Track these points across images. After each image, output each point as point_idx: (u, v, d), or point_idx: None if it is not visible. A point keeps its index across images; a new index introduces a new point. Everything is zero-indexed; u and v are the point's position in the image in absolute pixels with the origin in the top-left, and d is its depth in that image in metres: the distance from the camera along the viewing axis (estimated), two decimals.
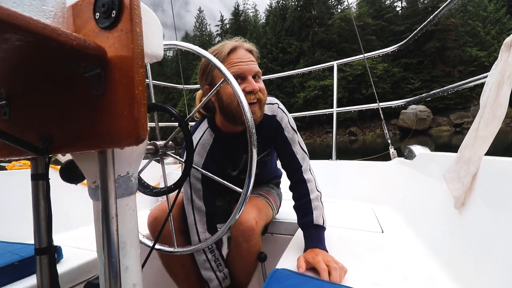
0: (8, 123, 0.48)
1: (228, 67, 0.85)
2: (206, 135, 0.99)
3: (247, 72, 0.87)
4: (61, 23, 0.35)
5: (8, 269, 0.66)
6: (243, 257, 0.94)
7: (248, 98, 0.85)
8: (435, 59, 35.86)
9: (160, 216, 0.97)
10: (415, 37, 1.47)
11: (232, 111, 0.86)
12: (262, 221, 0.97)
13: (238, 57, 0.87)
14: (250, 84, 0.86)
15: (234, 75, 0.85)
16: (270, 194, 1.16)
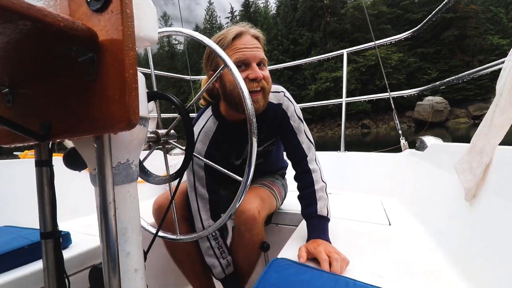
0: (12, 110, 0.48)
1: (232, 53, 0.84)
2: (209, 122, 0.98)
3: (251, 58, 0.84)
4: (52, 6, 0.35)
5: (19, 252, 0.69)
6: (245, 245, 0.95)
7: (251, 86, 0.83)
8: (453, 48, 34.38)
9: (164, 204, 0.98)
10: (429, 22, 1.40)
11: (234, 98, 0.85)
12: (264, 211, 0.96)
13: (243, 43, 0.85)
14: (254, 71, 0.83)
15: (237, 61, 0.83)
16: (275, 184, 1.15)
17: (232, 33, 0.85)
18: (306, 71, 38.30)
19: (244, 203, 0.91)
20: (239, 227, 0.93)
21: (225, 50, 0.84)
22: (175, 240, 0.73)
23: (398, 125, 1.68)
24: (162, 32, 0.62)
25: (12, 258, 0.68)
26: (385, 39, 1.81)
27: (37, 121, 0.44)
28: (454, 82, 1.12)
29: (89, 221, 1.19)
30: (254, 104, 0.83)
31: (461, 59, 33.31)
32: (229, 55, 0.84)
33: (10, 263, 0.68)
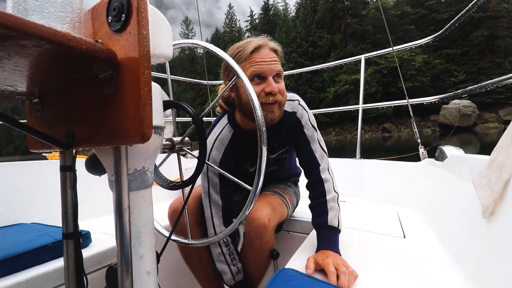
0: (41, 119, 0.53)
1: (249, 66, 0.86)
2: (225, 130, 1.01)
3: (267, 72, 0.86)
4: (77, 27, 0.38)
5: (44, 250, 0.74)
6: (255, 253, 0.96)
7: (266, 99, 0.85)
8: (483, 49, 32.57)
9: (179, 208, 1.01)
10: (454, 25, 1.34)
11: (250, 109, 0.81)
12: (275, 219, 0.97)
13: (261, 56, 0.86)
14: (270, 85, 0.85)
15: (254, 74, 0.85)
16: (287, 192, 1.15)
17: (251, 46, 0.87)
18: (325, 73, 37.72)
19: (254, 210, 0.92)
20: (249, 235, 0.94)
21: (243, 62, 0.87)
22: (187, 245, 0.75)
23: (417, 134, 1.61)
24: (179, 44, 0.65)
25: (37, 255, 0.73)
26: (404, 45, 1.76)
27: (62, 129, 0.48)
28: (477, 91, 1.07)
29: (109, 221, 1.25)
30: (269, 114, 0.86)
31: (491, 60, 31.49)
32: (247, 68, 0.86)
33: (36, 259, 0.73)
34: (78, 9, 0.39)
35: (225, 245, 0.99)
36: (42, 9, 0.34)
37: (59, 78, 0.44)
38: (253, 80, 0.86)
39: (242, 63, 0.87)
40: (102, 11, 0.40)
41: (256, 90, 0.84)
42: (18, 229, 0.93)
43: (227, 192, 1.01)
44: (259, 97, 0.85)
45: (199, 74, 56.65)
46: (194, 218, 1.03)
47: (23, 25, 0.26)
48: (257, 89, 0.85)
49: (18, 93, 0.48)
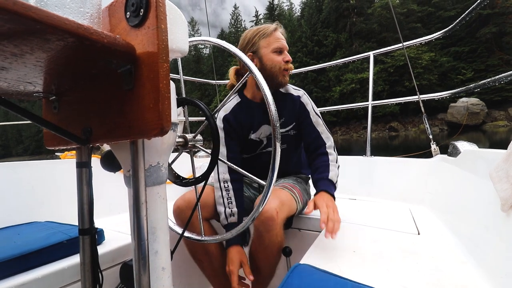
0: (58, 116, 0.53)
1: (273, 41, 1.09)
2: (232, 101, 1.18)
3: (284, 47, 1.11)
4: (96, 23, 0.39)
5: (58, 247, 0.75)
6: (265, 247, 0.96)
7: (286, 66, 1.10)
8: (491, 46, 31.98)
9: (183, 206, 1.03)
10: (462, 21, 1.33)
11: (272, 74, 1.08)
12: (283, 213, 0.97)
13: (278, 35, 1.11)
14: (287, 56, 1.11)
15: (277, 48, 1.09)
16: (296, 187, 1.15)
17: (272, 27, 1.12)
18: (330, 72, 37.50)
19: None
20: (257, 228, 0.95)
21: (266, 37, 1.10)
22: (200, 241, 0.75)
23: (429, 129, 1.59)
24: (192, 41, 0.65)
25: (52, 252, 0.74)
26: (414, 41, 1.74)
27: (79, 126, 0.48)
28: (490, 85, 1.05)
29: (121, 219, 1.26)
30: (285, 77, 1.11)
31: (500, 57, 30.88)
32: (271, 42, 1.09)
33: (51, 256, 0.74)
34: (97, 5, 0.39)
35: (226, 191, 1.07)
36: (64, 5, 0.34)
37: (77, 74, 0.45)
38: (275, 52, 1.09)
39: (266, 38, 1.09)
40: (120, 7, 0.40)
41: (279, 60, 1.09)
42: (33, 227, 0.95)
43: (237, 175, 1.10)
44: (281, 64, 1.09)
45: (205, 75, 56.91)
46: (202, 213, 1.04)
47: (48, 18, 0.26)
48: (279, 59, 1.09)
49: (36, 91, 0.49)
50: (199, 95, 51.30)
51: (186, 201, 1.03)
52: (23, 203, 1.18)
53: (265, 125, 1.16)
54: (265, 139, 1.18)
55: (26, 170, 1.24)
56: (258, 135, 1.17)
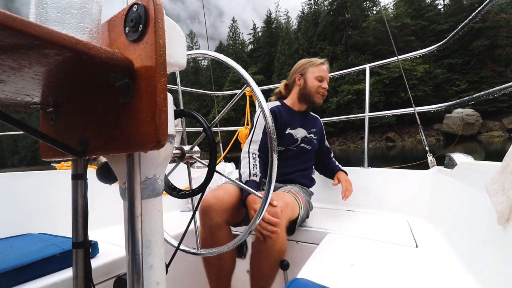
0: (54, 127, 0.53)
1: (318, 71, 1.41)
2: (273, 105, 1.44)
3: (325, 78, 1.42)
4: (96, 38, 0.39)
5: (51, 260, 0.74)
6: (267, 251, 0.95)
7: (321, 90, 1.41)
8: (483, 59, 32.68)
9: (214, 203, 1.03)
10: (455, 36, 1.36)
11: (310, 93, 1.40)
12: (287, 213, 1.00)
13: (324, 68, 1.42)
14: (325, 83, 1.41)
15: (320, 76, 1.40)
16: (300, 194, 1.20)
17: (320, 60, 1.44)
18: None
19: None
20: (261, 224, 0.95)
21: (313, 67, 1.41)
22: (196, 255, 0.74)
23: (425, 141, 1.60)
24: (191, 54, 0.66)
25: (45, 265, 0.72)
26: (409, 54, 1.77)
27: (76, 138, 0.48)
28: (485, 97, 1.07)
29: (115, 231, 1.24)
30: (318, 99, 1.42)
31: (493, 69, 31.50)
32: (316, 71, 1.41)
33: (43, 270, 0.72)
34: (97, 20, 0.40)
35: (253, 159, 1.21)
36: (64, 20, 0.35)
37: (75, 87, 0.45)
38: (318, 79, 1.39)
39: (313, 67, 1.41)
40: (119, 22, 0.41)
41: (317, 84, 1.39)
42: (26, 239, 0.93)
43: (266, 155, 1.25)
44: (319, 88, 1.39)
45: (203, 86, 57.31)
46: (226, 217, 1.04)
47: (48, 34, 0.27)
48: (318, 84, 1.39)
49: (33, 103, 0.49)
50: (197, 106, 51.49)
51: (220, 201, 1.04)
52: (16, 214, 1.15)
53: (301, 129, 1.43)
54: (300, 139, 1.42)
55: (21, 181, 1.22)
56: (296, 133, 1.41)
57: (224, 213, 1.03)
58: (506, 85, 0.94)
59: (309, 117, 1.53)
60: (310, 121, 1.51)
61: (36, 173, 1.28)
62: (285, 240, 1.00)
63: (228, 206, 1.05)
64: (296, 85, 1.44)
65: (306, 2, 54.56)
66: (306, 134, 1.44)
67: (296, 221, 1.10)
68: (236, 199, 1.10)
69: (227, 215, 1.05)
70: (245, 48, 67.32)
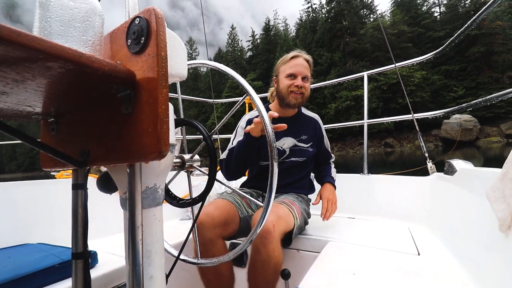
0: (56, 137, 0.53)
1: (287, 67, 1.25)
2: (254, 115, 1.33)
3: (298, 73, 1.23)
4: (98, 50, 0.40)
5: (50, 271, 0.73)
6: (262, 263, 0.94)
7: (295, 89, 1.23)
8: (480, 65, 33.07)
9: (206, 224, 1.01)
10: (452, 43, 1.38)
11: (282, 95, 1.26)
12: (280, 226, 0.98)
13: (296, 63, 1.25)
14: (297, 81, 1.23)
15: (289, 73, 1.24)
16: (295, 204, 1.17)
17: (290, 54, 1.28)
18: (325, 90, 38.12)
19: None
20: (254, 242, 0.94)
21: (284, 65, 1.27)
22: (196, 264, 0.74)
23: (424, 148, 1.61)
24: (191, 65, 0.67)
25: (43, 276, 0.72)
26: (406, 62, 1.79)
27: (77, 148, 0.48)
28: (482, 104, 1.08)
29: (115, 240, 1.23)
30: (294, 99, 1.24)
31: (489, 75, 31.86)
32: (286, 68, 1.26)
33: (42, 281, 0.71)
34: (99, 33, 0.40)
35: None
36: (67, 33, 0.35)
37: (77, 98, 0.45)
38: (289, 77, 1.24)
39: (284, 65, 1.27)
40: (121, 35, 0.41)
41: (288, 83, 1.23)
42: (24, 249, 0.92)
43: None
44: (291, 87, 1.23)
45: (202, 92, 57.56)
46: (218, 232, 1.03)
47: (51, 48, 0.27)
48: (290, 83, 1.23)
49: (35, 113, 0.49)
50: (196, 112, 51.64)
51: (210, 217, 1.02)
52: (15, 224, 1.14)
53: (289, 138, 1.31)
54: (288, 149, 1.30)
55: (20, 190, 1.21)
56: (281, 144, 1.29)
57: (216, 229, 1.02)
58: (503, 92, 0.95)
59: (300, 122, 1.36)
60: (301, 126, 1.35)
61: (35, 182, 1.28)
62: (280, 253, 0.98)
63: (220, 221, 1.04)
64: (275, 88, 1.34)
65: (304, 10, 55.42)
66: (295, 142, 1.31)
67: (292, 232, 1.08)
68: (227, 212, 1.09)
69: (220, 229, 1.04)
70: (244, 55, 67.89)
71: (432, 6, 42.84)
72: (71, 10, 0.39)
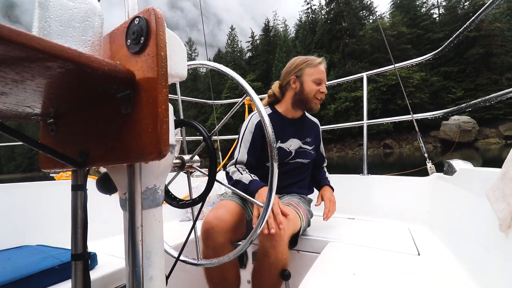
0: (55, 138, 0.53)
1: (316, 72, 1.24)
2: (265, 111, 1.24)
3: (323, 80, 1.26)
4: (98, 50, 0.40)
5: (49, 272, 0.72)
6: (270, 265, 0.94)
7: (319, 95, 1.25)
8: (479, 67, 33.17)
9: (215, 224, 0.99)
10: (450, 44, 1.38)
11: (307, 98, 1.24)
12: (289, 230, 0.98)
13: (322, 69, 1.26)
14: (323, 87, 1.26)
15: (318, 79, 1.24)
16: (300, 205, 1.17)
17: (318, 60, 1.27)
18: None
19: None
20: (263, 244, 0.94)
21: (311, 68, 1.25)
22: (196, 265, 0.73)
23: (424, 148, 1.61)
24: (191, 65, 0.67)
25: (43, 278, 0.71)
26: (405, 62, 1.79)
27: (76, 148, 0.48)
28: (481, 104, 1.08)
29: (114, 242, 1.22)
30: (316, 105, 1.27)
31: (488, 77, 31.97)
32: (314, 72, 1.24)
33: (41, 282, 0.71)
34: (99, 33, 0.40)
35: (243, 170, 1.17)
36: (66, 33, 0.35)
37: (76, 98, 0.45)
38: (315, 83, 1.24)
39: (311, 68, 1.24)
40: (121, 35, 0.41)
41: (316, 88, 1.23)
42: (23, 251, 0.92)
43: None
44: (317, 93, 1.24)
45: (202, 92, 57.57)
46: (228, 236, 1.01)
47: (51, 47, 0.27)
48: (316, 88, 1.23)
49: (34, 114, 0.49)
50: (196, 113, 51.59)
51: (221, 221, 1.00)
52: (14, 226, 1.14)
53: (295, 139, 1.30)
54: (294, 151, 1.30)
55: (19, 191, 1.21)
56: (288, 146, 1.28)
57: (227, 233, 1.00)
58: (502, 92, 0.96)
59: (305, 124, 1.37)
60: (306, 128, 1.36)
61: (34, 184, 1.27)
62: (287, 256, 0.98)
63: (232, 225, 1.02)
64: (291, 88, 1.27)
65: (303, 11, 55.58)
66: (300, 144, 1.31)
67: (298, 233, 1.08)
68: (237, 216, 1.07)
69: (230, 234, 1.02)
70: (243, 56, 67.96)
71: (431, 8, 43.04)
72: (70, 10, 0.39)
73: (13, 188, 1.21)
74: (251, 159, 1.22)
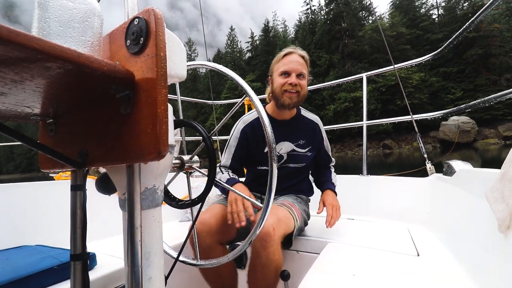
0: (54, 139, 0.53)
1: (281, 65, 1.16)
2: (253, 114, 1.26)
3: (292, 70, 1.14)
4: (97, 50, 0.40)
5: (48, 273, 0.72)
6: (262, 266, 0.94)
7: (288, 87, 1.14)
8: (478, 67, 33.24)
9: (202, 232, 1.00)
10: (450, 45, 1.39)
11: (276, 95, 1.18)
12: (280, 229, 0.97)
13: (289, 59, 1.15)
14: (291, 78, 1.13)
15: (282, 71, 1.15)
16: (295, 205, 1.16)
17: (284, 51, 1.19)
18: (324, 91, 38.21)
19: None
20: (254, 245, 0.94)
21: (277, 63, 1.19)
22: (195, 266, 0.73)
23: (423, 149, 1.61)
24: (191, 65, 0.67)
25: (42, 278, 0.71)
26: (405, 63, 1.80)
27: (75, 149, 0.48)
28: (481, 105, 1.09)
29: (113, 242, 1.22)
30: (289, 99, 1.15)
31: (487, 78, 32.04)
32: (279, 66, 1.17)
33: (40, 282, 0.71)
34: (98, 33, 0.40)
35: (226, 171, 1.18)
36: (65, 34, 0.35)
37: (76, 98, 0.45)
38: (282, 75, 1.15)
39: (277, 63, 1.18)
40: (120, 35, 0.41)
41: (281, 82, 1.14)
42: (22, 251, 0.92)
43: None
44: (284, 85, 1.14)
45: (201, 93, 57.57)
46: (217, 238, 1.03)
47: (50, 48, 0.27)
48: (283, 81, 1.14)
49: (33, 114, 0.49)
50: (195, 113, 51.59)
51: (206, 226, 1.01)
52: (13, 226, 1.14)
53: (286, 142, 1.23)
54: (286, 155, 1.24)
55: (18, 191, 1.21)
56: (278, 149, 1.23)
57: (214, 236, 1.02)
58: (501, 93, 0.96)
59: (298, 125, 1.28)
60: (299, 129, 1.27)
61: (33, 184, 1.27)
62: (281, 256, 0.98)
63: (218, 228, 1.03)
64: (270, 89, 1.25)
65: (303, 12, 55.65)
66: (293, 147, 1.24)
67: (292, 233, 1.08)
68: (224, 219, 1.06)
69: (218, 236, 1.03)
70: (243, 56, 67.99)
71: (430, 9, 43.13)
72: (70, 10, 0.39)
73: (12, 188, 1.20)
74: (234, 164, 1.23)
